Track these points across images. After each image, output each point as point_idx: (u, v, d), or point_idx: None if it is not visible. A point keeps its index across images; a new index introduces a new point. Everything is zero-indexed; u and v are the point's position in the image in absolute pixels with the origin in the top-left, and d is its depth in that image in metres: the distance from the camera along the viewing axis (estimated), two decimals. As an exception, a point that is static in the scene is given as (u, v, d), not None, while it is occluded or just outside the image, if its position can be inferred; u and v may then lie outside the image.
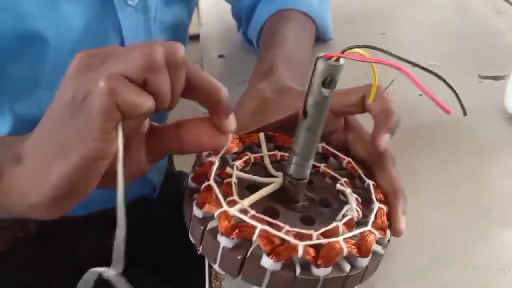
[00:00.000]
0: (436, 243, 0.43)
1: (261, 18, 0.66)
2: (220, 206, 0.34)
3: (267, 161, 0.41)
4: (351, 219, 0.37)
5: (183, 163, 0.66)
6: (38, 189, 0.30)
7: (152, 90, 0.29)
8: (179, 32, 0.61)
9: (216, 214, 0.34)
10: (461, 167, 0.53)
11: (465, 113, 0.29)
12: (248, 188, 0.38)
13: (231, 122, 0.34)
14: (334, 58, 0.31)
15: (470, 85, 0.67)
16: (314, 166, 0.41)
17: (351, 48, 0.30)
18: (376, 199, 0.39)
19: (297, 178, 0.37)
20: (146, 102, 0.29)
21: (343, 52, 0.31)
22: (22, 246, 0.59)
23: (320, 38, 0.72)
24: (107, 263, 0.26)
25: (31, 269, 0.61)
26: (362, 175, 0.42)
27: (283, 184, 0.39)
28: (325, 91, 0.32)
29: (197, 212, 0.35)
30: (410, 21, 0.84)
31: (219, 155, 0.39)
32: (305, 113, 0.34)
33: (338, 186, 0.41)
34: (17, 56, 0.45)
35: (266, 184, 0.39)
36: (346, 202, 0.39)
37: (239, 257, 0.33)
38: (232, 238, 0.33)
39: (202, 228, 0.34)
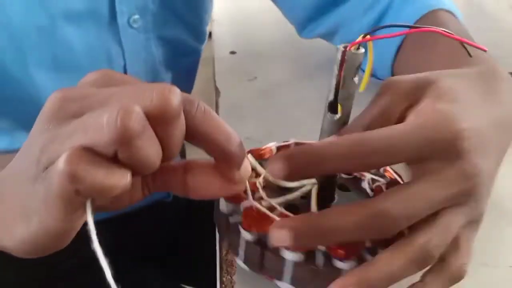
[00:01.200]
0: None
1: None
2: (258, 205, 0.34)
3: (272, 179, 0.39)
4: None
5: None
6: (7, 239, 0.27)
7: (128, 162, 0.23)
8: (182, 47, 0.60)
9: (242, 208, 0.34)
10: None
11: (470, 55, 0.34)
12: (288, 209, 0.36)
13: (245, 171, 0.28)
14: (354, 47, 0.31)
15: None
16: None
17: (368, 34, 0.31)
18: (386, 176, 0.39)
19: (333, 175, 0.37)
20: (118, 182, 0.23)
21: (364, 37, 0.31)
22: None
23: None
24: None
25: (31, 270, 0.60)
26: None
27: (320, 188, 0.37)
28: (356, 80, 0.33)
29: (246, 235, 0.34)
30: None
31: None
32: (335, 108, 0.34)
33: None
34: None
35: (303, 199, 0.37)
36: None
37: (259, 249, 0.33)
38: (251, 231, 0.33)
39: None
